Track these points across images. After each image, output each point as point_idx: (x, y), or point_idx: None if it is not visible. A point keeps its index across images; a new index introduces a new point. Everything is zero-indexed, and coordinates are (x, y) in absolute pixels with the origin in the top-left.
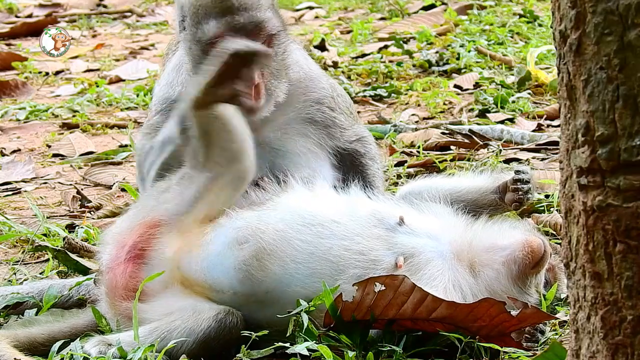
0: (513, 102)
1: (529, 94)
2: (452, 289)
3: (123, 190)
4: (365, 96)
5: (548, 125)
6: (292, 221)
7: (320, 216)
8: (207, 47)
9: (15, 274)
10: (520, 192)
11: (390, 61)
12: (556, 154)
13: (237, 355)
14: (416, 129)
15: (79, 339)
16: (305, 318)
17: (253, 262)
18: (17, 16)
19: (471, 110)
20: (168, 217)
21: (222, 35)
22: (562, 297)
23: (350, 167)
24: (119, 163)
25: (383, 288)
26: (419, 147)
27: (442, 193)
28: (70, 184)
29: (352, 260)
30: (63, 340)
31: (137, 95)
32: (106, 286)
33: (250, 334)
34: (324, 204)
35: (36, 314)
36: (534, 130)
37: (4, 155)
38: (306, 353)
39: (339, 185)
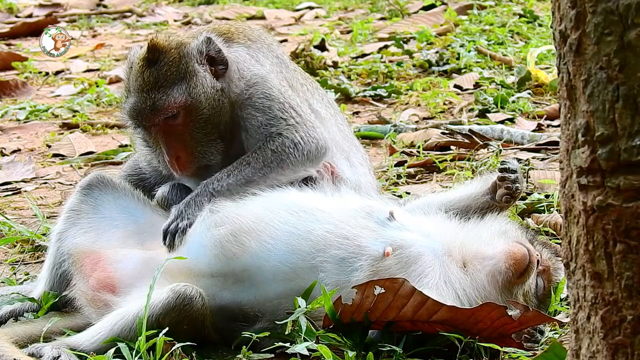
0: (513, 102)
1: (529, 94)
2: (443, 286)
3: None
4: (365, 96)
5: (548, 125)
6: (273, 207)
7: (304, 204)
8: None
9: (15, 274)
10: (507, 182)
11: (390, 61)
12: (556, 154)
13: (237, 356)
14: (416, 129)
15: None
16: (303, 321)
17: (229, 238)
18: (17, 16)
19: (471, 110)
20: None
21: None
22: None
23: None
24: (119, 163)
25: (383, 291)
26: (419, 147)
27: (435, 206)
28: (70, 184)
29: (334, 242)
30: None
31: None
32: (83, 282)
33: (252, 335)
34: (309, 196)
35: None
36: (534, 130)
37: (4, 155)
38: (306, 353)
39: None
